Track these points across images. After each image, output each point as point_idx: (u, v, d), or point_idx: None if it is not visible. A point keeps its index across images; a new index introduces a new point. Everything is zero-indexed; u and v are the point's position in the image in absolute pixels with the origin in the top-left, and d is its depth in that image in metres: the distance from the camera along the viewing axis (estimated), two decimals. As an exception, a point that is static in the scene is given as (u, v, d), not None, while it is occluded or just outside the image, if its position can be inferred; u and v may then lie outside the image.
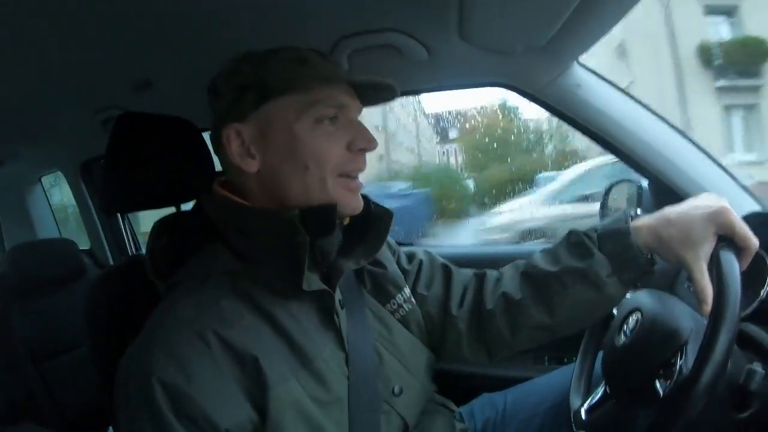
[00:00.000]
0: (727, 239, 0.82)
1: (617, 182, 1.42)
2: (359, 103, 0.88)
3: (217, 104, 0.86)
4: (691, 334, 0.83)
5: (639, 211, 0.96)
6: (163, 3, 0.97)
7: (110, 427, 2.12)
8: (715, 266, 0.79)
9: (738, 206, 1.11)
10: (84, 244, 2.52)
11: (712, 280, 0.80)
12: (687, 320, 0.85)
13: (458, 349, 1.04)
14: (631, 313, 0.94)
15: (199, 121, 1.20)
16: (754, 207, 1.18)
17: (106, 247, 2.46)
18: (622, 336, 0.92)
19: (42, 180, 2.77)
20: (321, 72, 0.83)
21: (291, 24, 1.07)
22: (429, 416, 0.99)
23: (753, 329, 0.87)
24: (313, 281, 0.81)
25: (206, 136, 1.21)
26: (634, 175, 1.31)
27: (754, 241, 0.81)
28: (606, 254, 0.91)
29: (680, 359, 0.81)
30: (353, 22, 1.11)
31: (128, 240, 2.47)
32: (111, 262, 2.44)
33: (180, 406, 0.69)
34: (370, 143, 0.85)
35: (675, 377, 0.80)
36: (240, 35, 1.09)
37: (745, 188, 1.23)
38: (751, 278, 0.89)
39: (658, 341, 0.85)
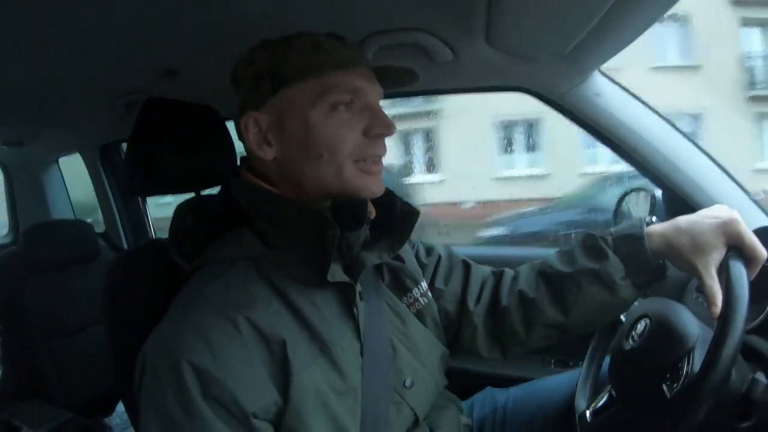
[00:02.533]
0: (736, 249, 0.85)
1: (631, 190, 1.43)
2: (379, 87, 0.88)
3: (238, 92, 0.88)
4: (698, 340, 0.84)
5: (654, 218, 0.99)
6: None
7: (117, 407, 2.17)
8: (725, 273, 0.82)
9: (749, 220, 1.14)
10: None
11: (721, 286, 0.83)
12: (694, 327, 0.86)
13: (473, 344, 1.06)
14: (639, 319, 0.95)
15: (222, 110, 1.21)
16: (765, 221, 1.20)
17: (121, 230, 2.50)
18: (630, 341, 0.93)
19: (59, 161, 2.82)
20: (335, 57, 0.83)
21: (318, 18, 1.08)
22: (437, 410, 1.01)
23: (758, 342, 0.90)
24: (337, 273, 0.83)
25: (230, 125, 1.24)
26: (648, 184, 1.33)
27: (763, 252, 0.84)
28: (620, 257, 0.94)
29: (687, 364, 0.82)
30: (381, 19, 1.12)
31: (148, 224, 2.52)
32: (125, 245, 2.48)
33: (208, 388, 0.71)
34: (388, 128, 0.85)
35: (681, 380, 0.81)
36: (267, 27, 1.06)
37: (756, 202, 1.25)
38: (758, 292, 0.90)
39: (665, 346, 0.87)
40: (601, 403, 0.99)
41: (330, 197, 0.83)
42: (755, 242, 0.84)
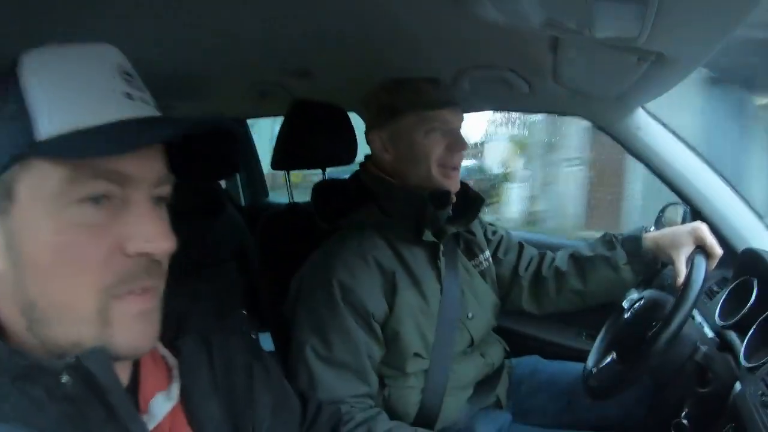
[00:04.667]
0: (701, 247, 1.21)
1: (671, 204, 1.72)
2: (461, 116, 1.30)
3: (367, 112, 1.32)
4: None
5: (652, 228, 1.36)
6: (333, 24, 1.19)
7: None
8: (690, 263, 1.17)
9: (757, 236, 1.45)
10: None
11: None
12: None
13: (519, 300, 1.49)
14: (638, 300, 1.29)
15: (345, 104, 1.61)
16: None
17: (240, 189, 2.96)
18: (629, 313, 1.28)
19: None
20: (432, 99, 1.25)
21: (426, 49, 1.32)
22: (487, 342, 1.42)
23: (733, 337, 1.18)
24: (428, 235, 1.24)
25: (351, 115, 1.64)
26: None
27: (719, 250, 1.22)
28: (625, 250, 1.33)
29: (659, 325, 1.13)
30: (476, 57, 1.37)
31: (265, 185, 3.01)
32: (243, 201, 2.94)
33: (347, 296, 1.15)
34: (463, 146, 1.27)
35: (652, 332, 1.13)
36: (386, 53, 1.37)
37: (764, 222, 1.51)
38: (740, 296, 1.24)
39: (649, 314, 1.20)
40: (604, 363, 1.26)
41: (427, 188, 1.24)
42: (714, 243, 1.22)
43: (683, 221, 1.59)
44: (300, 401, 0.93)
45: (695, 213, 1.55)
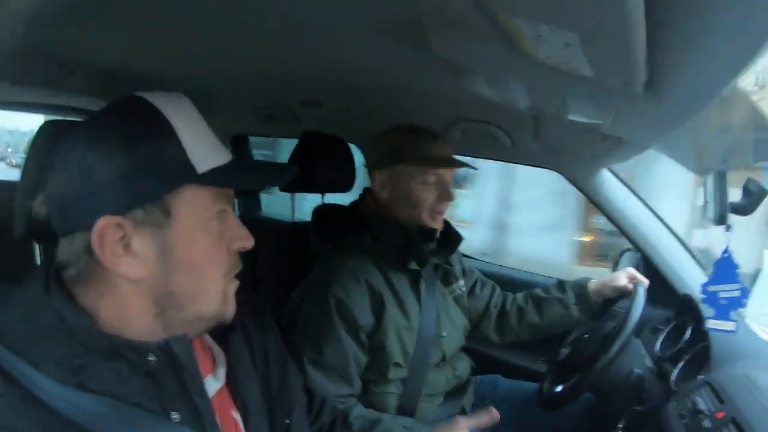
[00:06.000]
0: (639, 283, 1.46)
1: (627, 251, 1.94)
2: (453, 171, 1.50)
3: (372, 152, 1.52)
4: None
5: (594, 279, 1.62)
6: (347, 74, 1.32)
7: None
8: (633, 292, 1.42)
9: (696, 284, 1.56)
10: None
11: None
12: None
13: (487, 330, 1.74)
14: (584, 333, 1.52)
15: (348, 136, 1.80)
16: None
17: (235, 204, 3.03)
18: (578, 343, 1.50)
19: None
20: (433, 154, 1.44)
21: (427, 101, 1.49)
22: (457, 358, 1.63)
23: (668, 367, 1.40)
24: (413, 264, 1.45)
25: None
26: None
27: (646, 281, 1.51)
28: (574, 293, 1.59)
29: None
30: (469, 112, 1.58)
31: (259, 200, 3.04)
32: (237, 212, 3.00)
33: (341, 310, 1.34)
34: (451, 198, 1.48)
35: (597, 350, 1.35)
36: (390, 100, 1.55)
37: (701, 266, 1.74)
38: (678, 334, 1.47)
39: (594, 340, 1.42)
40: (558, 381, 1.49)
41: (415, 224, 1.45)
42: (642, 277, 1.53)
43: (637, 267, 1.81)
44: (306, 396, 1.08)
45: (646, 260, 1.77)
